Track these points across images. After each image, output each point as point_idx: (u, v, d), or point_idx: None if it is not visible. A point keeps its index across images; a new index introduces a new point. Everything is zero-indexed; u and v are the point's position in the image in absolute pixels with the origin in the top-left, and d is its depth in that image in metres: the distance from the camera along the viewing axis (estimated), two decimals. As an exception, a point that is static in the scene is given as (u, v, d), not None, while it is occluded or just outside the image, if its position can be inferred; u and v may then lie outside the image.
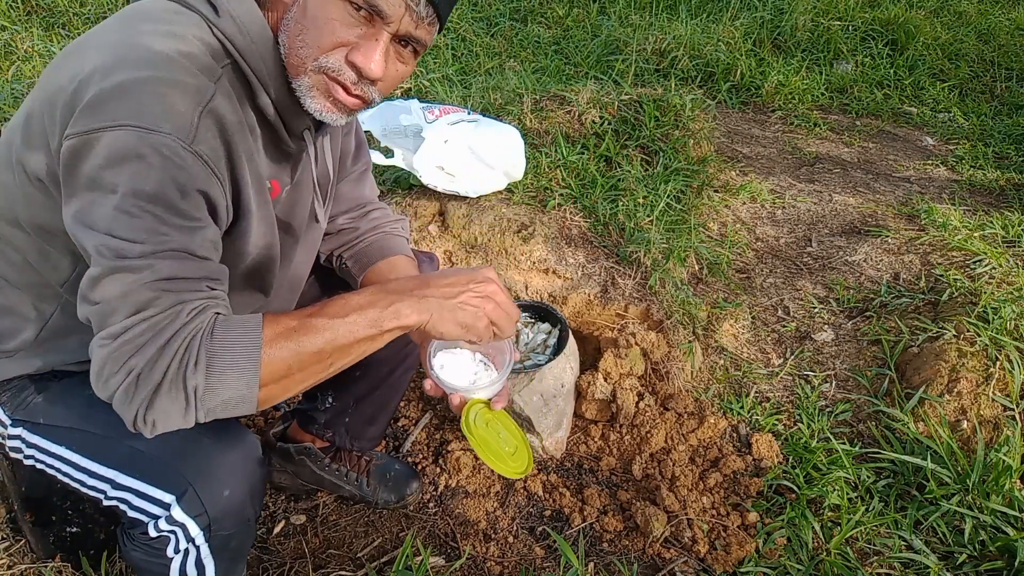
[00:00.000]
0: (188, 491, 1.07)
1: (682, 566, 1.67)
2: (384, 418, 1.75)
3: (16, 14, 4.03)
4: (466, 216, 2.33)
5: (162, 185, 0.91)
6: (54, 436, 1.16)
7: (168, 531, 1.08)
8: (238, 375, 0.92)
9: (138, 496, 1.10)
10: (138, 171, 0.90)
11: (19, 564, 1.53)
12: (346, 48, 1.01)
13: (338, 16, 0.99)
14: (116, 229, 0.90)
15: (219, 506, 1.08)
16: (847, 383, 2.22)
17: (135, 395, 0.90)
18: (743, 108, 4.24)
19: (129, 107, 0.90)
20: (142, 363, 0.89)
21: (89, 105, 0.90)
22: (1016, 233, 2.68)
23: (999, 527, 1.67)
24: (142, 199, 0.90)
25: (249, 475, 1.13)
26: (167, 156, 0.91)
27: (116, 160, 0.89)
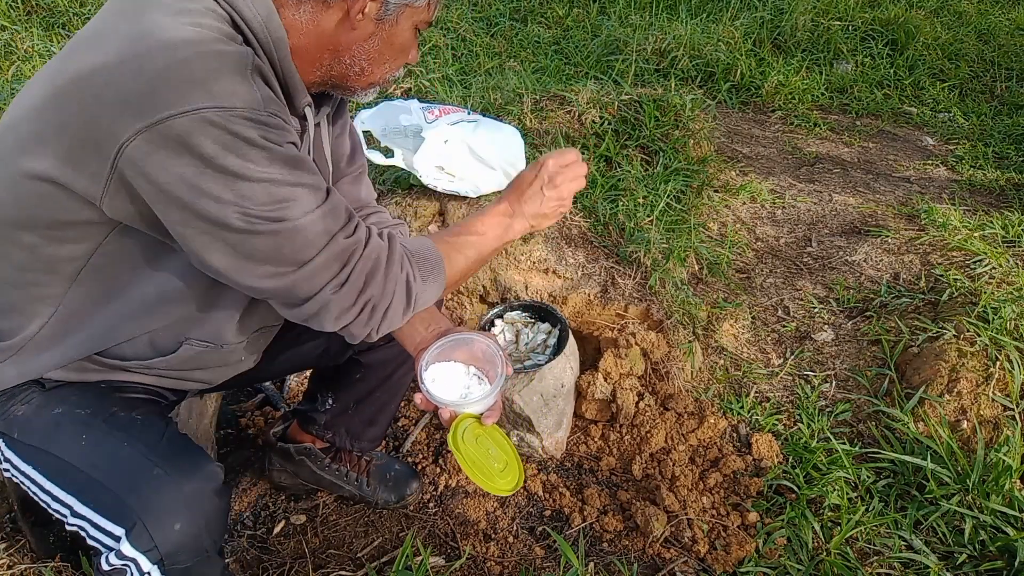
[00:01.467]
0: (137, 525, 1.03)
1: (682, 566, 1.67)
2: (384, 419, 1.74)
3: (16, 14, 4.03)
4: (466, 216, 2.33)
5: (266, 151, 0.94)
6: (23, 454, 1.15)
7: (121, 565, 1.06)
8: (438, 283, 1.18)
9: (92, 526, 1.08)
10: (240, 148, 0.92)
11: (19, 564, 1.53)
12: None
13: (412, 41, 1.17)
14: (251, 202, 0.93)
15: (170, 541, 1.05)
16: (847, 383, 2.22)
17: (372, 317, 1.10)
18: (743, 108, 4.24)
19: (190, 88, 0.89)
20: (377, 291, 1.08)
21: (141, 95, 0.89)
22: (1016, 233, 2.68)
23: (999, 527, 1.67)
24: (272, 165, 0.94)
25: (203, 507, 1.09)
26: (256, 126, 0.93)
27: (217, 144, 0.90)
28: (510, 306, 2.05)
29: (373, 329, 1.11)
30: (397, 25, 1.11)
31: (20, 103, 1.04)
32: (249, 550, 1.71)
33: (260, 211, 0.95)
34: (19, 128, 1.01)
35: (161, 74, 0.89)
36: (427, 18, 1.14)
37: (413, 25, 1.13)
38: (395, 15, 1.09)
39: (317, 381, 1.74)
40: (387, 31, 1.10)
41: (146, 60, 0.90)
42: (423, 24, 1.15)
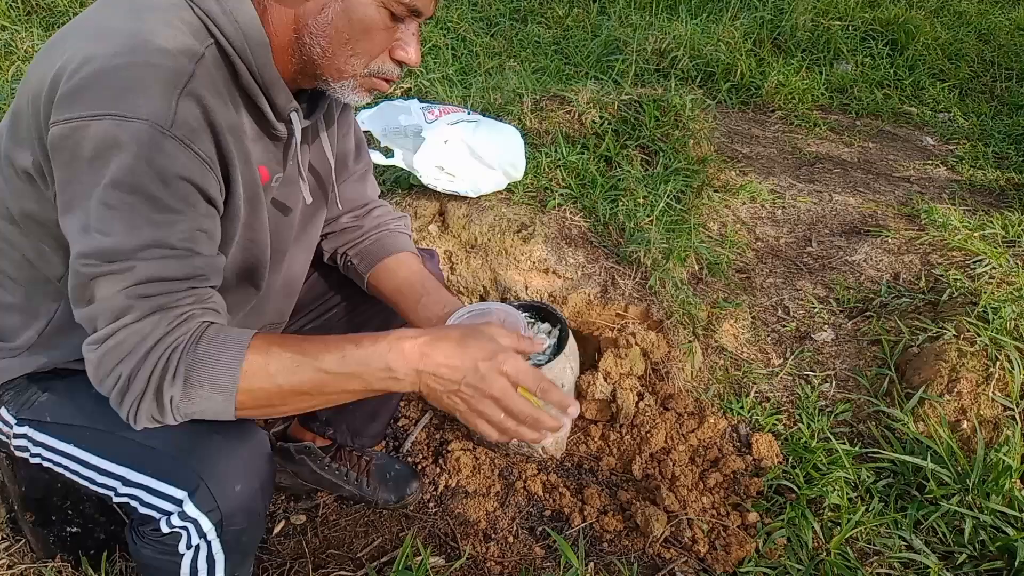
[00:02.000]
0: (200, 487, 1.07)
1: (682, 566, 1.67)
2: (385, 414, 1.75)
3: (16, 14, 4.03)
4: (466, 216, 2.33)
5: (139, 175, 0.90)
6: (62, 434, 1.16)
7: (180, 527, 1.08)
8: (215, 391, 0.94)
9: (149, 492, 1.10)
10: (117, 162, 0.89)
11: (19, 564, 1.53)
12: (388, 48, 1.06)
13: (384, 24, 1.03)
14: (97, 224, 0.90)
15: (231, 501, 1.08)
16: (847, 383, 2.22)
17: (125, 398, 0.94)
18: (743, 108, 4.24)
19: (106, 95, 0.89)
20: (127, 371, 0.92)
21: (67, 93, 0.90)
22: (1016, 233, 2.68)
23: (999, 527, 1.67)
24: (122, 190, 0.90)
25: (259, 470, 1.13)
26: (145, 143, 0.89)
27: (99, 152, 0.89)
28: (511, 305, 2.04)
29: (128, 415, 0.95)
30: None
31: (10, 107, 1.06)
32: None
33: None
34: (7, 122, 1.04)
35: (89, 78, 0.89)
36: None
37: (377, 1, 1.01)
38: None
39: None
40: (340, 3, 1.00)
41: (87, 62, 0.90)
42: (396, 5, 1.02)
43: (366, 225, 1.48)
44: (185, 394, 0.93)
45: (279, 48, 1.04)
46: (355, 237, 1.47)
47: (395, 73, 1.09)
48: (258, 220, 1.14)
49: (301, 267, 1.39)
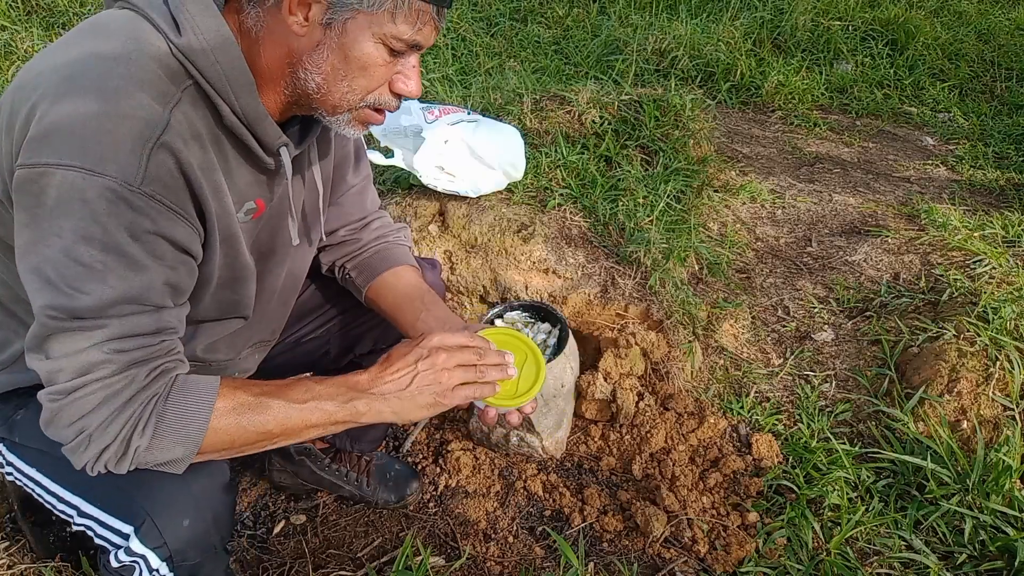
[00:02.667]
0: (146, 522, 1.04)
1: (682, 566, 1.67)
2: None
3: (16, 14, 4.03)
4: (466, 216, 2.33)
5: (108, 231, 0.88)
6: (27, 457, 1.15)
7: (130, 562, 1.06)
8: (180, 442, 0.95)
9: (100, 525, 1.09)
10: (84, 216, 0.86)
11: (19, 564, 1.53)
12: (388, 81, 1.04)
13: (382, 60, 1.00)
14: (65, 279, 0.88)
15: (180, 537, 1.05)
16: (847, 383, 2.22)
17: (88, 449, 0.93)
18: (743, 108, 4.24)
19: (74, 145, 0.86)
20: (95, 424, 0.91)
21: (36, 137, 0.87)
22: (1016, 233, 2.68)
23: (999, 527, 1.67)
24: (92, 247, 0.88)
25: (212, 503, 1.09)
26: (113, 200, 0.87)
27: (63, 203, 0.86)
28: (510, 306, 2.04)
29: (87, 464, 0.94)
30: (347, 35, 0.96)
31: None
32: (249, 550, 1.71)
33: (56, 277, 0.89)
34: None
35: (60, 123, 0.87)
36: (396, 32, 0.97)
37: (376, 38, 0.97)
38: (342, 21, 0.95)
39: None
40: (337, 40, 0.97)
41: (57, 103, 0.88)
42: (396, 41, 0.97)
43: (364, 238, 1.45)
44: (151, 444, 0.94)
45: (270, 80, 1.01)
46: (353, 250, 1.45)
47: (392, 104, 1.06)
48: (239, 258, 1.12)
49: (292, 286, 1.36)
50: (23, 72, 0.97)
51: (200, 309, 1.13)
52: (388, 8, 0.95)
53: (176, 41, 0.93)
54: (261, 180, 1.11)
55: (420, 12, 0.97)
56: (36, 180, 0.87)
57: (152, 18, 0.94)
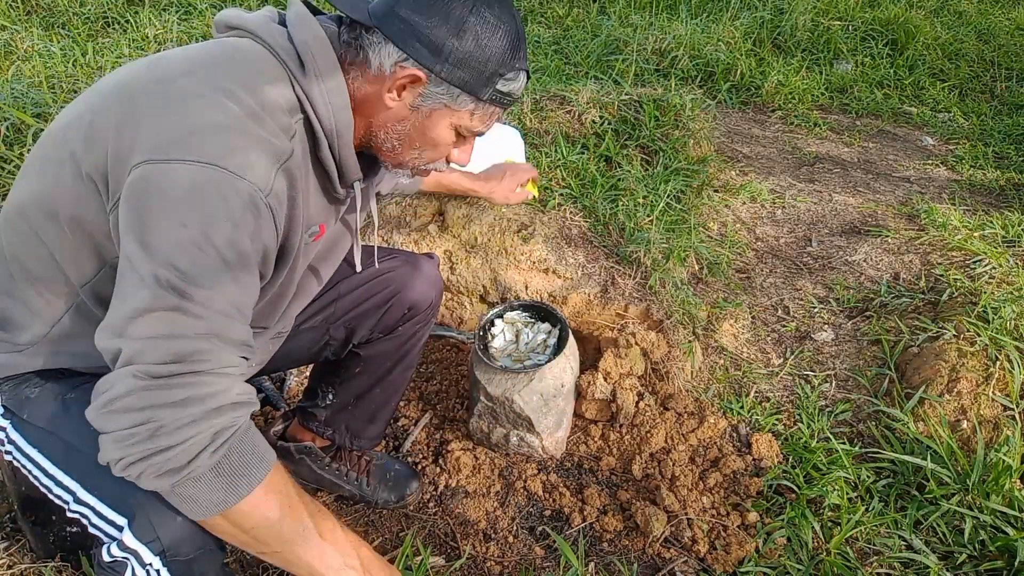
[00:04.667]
0: (139, 515, 1.03)
1: (682, 566, 1.67)
2: (384, 416, 1.75)
3: (16, 14, 4.03)
4: (466, 216, 2.33)
5: (238, 231, 0.94)
6: (30, 436, 1.15)
7: (123, 557, 1.05)
8: (230, 485, 0.96)
9: (95, 514, 1.08)
10: (218, 211, 0.92)
11: (19, 564, 1.53)
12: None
13: (451, 140, 1.17)
14: (181, 262, 0.91)
15: (173, 533, 1.04)
16: (847, 383, 2.22)
17: (139, 443, 0.91)
18: (743, 108, 4.24)
19: (216, 148, 0.94)
20: (170, 419, 0.90)
21: (173, 140, 0.93)
22: (1016, 233, 2.68)
23: (999, 527, 1.67)
24: (216, 240, 0.92)
25: None
26: (247, 204, 0.95)
27: (197, 194, 0.92)
28: (510, 306, 2.05)
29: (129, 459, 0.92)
30: (430, 119, 1.13)
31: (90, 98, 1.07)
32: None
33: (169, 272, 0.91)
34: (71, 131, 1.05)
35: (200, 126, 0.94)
36: (470, 125, 1.15)
37: (451, 125, 1.15)
38: (429, 110, 1.12)
39: (317, 376, 1.75)
40: (420, 122, 1.13)
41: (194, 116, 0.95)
42: (467, 132, 1.16)
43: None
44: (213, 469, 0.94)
45: (356, 130, 1.14)
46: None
47: (444, 169, 1.29)
48: (292, 277, 1.22)
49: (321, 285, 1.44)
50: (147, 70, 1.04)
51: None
52: (470, 109, 1.12)
53: (301, 80, 1.06)
54: (330, 208, 1.22)
55: (493, 113, 1.15)
56: (167, 174, 0.92)
57: (281, 57, 1.06)
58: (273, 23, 1.11)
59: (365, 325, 1.58)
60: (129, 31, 3.84)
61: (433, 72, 1.08)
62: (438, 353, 2.29)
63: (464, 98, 1.11)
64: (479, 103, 1.12)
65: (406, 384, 1.75)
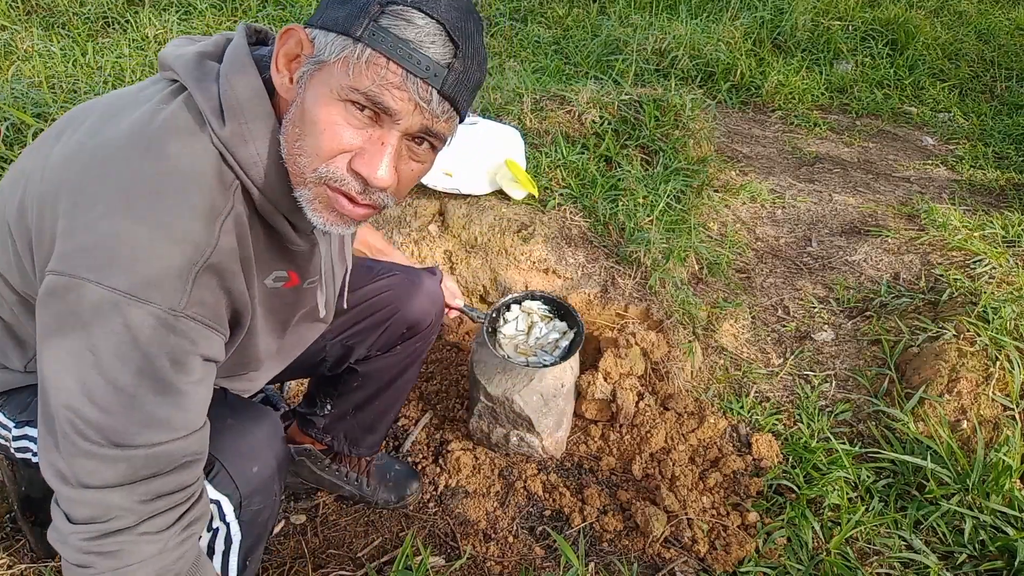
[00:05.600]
0: (218, 469, 1.07)
1: (682, 566, 1.67)
2: (383, 427, 1.73)
3: (16, 14, 4.03)
4: (466, 216, 2.33)
5: (148, 357, 0.84)
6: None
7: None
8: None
9: None
10: (124, 340, 0.83)
11: (19, 564, 1.53)
12: (349, 154, 0.90)
13: (340, 119, 0.88)
14: (94, 396, 0.83)
15: (249, 483, 1.10)
16: (847, 383, 2.22)
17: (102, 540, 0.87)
18: (743, 108, 4.24)
19: (118, 266, 0.82)
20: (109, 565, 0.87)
21: (77, 246, 0.83)
22: (1016, 233, 2.68)
23: (999, 527, 1.67)
24: (126, 370, 0.84)
25: (275, 451, 1.14)
26: (156, 327, 0.84)
27: (101, 322, 0.82)
28: (531, 295, 1.97)
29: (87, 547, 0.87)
30: (309, 90, 0.89)
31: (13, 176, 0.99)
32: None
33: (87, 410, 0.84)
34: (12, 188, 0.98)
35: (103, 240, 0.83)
36: (349, 82, 0.86)
37: (333, 92, 0.87)
38: (310, 74, 0.89)
39: (316, 386, 1.73)
40: (302, 97, 0.89)
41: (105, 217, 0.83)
42: (353, 91, 0.86)
43: None
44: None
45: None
46: None
47: (354, 188, 0.92)
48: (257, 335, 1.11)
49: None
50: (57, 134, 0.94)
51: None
52: (343, 56, 0.86)
53: (221, 136, 0.90)
54: (293, 254, 1.09)
55: (377, 65, 0.85)
56: (72, 290, 0.82)
57: (208, 118, 0.90)
58: (205, 68, 0.94)
59: (363, 343, 1.55)
60: (129, 31, 3.84)
61: (312, 25, 0.89)
62: (438, 353, 2.29)
63: (337, 42, 0.86)
64: (353, 44, 0.85)
65: (405, 395, 1.73)
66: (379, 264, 1.56)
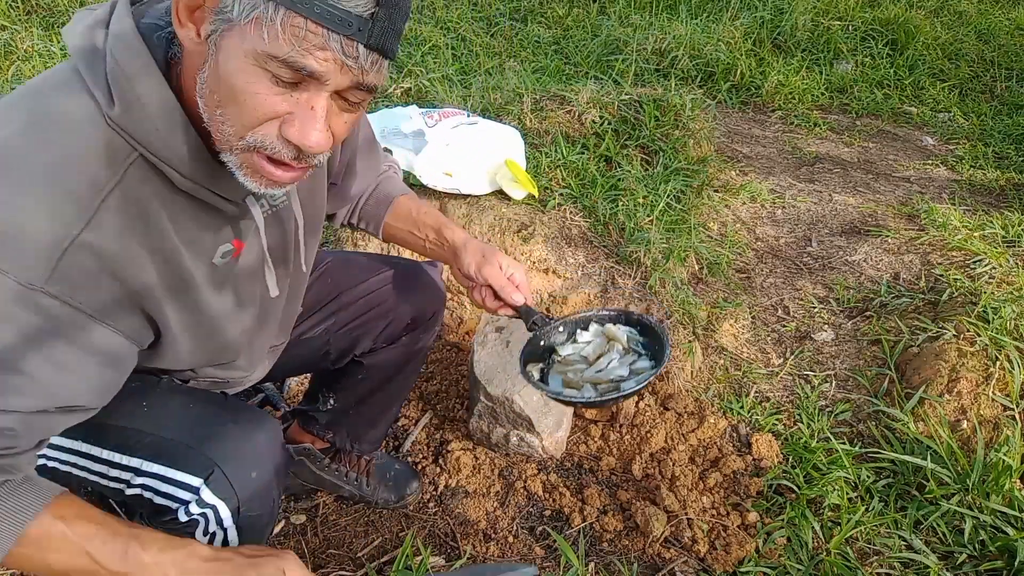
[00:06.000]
0: (216, 473, 1.07)
1: (682, 566, 1.67)
2: (385, 421, 1.75)
3: (16, 14, 4.03)
4: (466, 216, 2.33)
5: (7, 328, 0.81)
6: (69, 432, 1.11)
7: (199, 514, 1.08)
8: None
9: (164, 482, 1.09)
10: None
11: (19, 564, 1.53)
12: (278, 120, 0.84)
13: (262, 87, 0.81)
14: None
15: (248, 488, 1.09)
16: (847, 383, 2.22)
17: None
18: (743, 108, 4.24)
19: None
20: None
21: None
22: (1016, 233, 2.68)
23: (999, 527, 1.67)
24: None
25: (274, 456, 1.13)
26: (8, 299, 0.81)
27: None
28: (625, 316, 1.47)
29: None
30: (221, 51, 0.81)
31: None
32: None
33: None
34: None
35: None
36: (268, 49, 0.78)
37: (248, 57, 0.80)
38: (220, 33, 0.81)
39: (318, 381, 1.74)
40: (215, 59, 0.82)
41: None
42: (272, 61, 0.79)
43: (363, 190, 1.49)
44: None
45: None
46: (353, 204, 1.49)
47: (285, 154, 0.86)
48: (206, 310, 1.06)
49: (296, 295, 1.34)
50: None
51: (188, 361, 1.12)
52: (256, 16, 0.77)
53: (109, 114, 0.84)
54: (235, 222, 1.03)
55: (300, 30, 0.78)
56: None
57: (89, 87, 0.85)
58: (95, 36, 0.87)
59: (367, 336, 1.56)
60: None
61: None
62: (438, 353, 2.29)
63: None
64: (264, 3, 0.77)
65: (409, 389, 1.75)
66: (381, 257, 1.58)
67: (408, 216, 1.46)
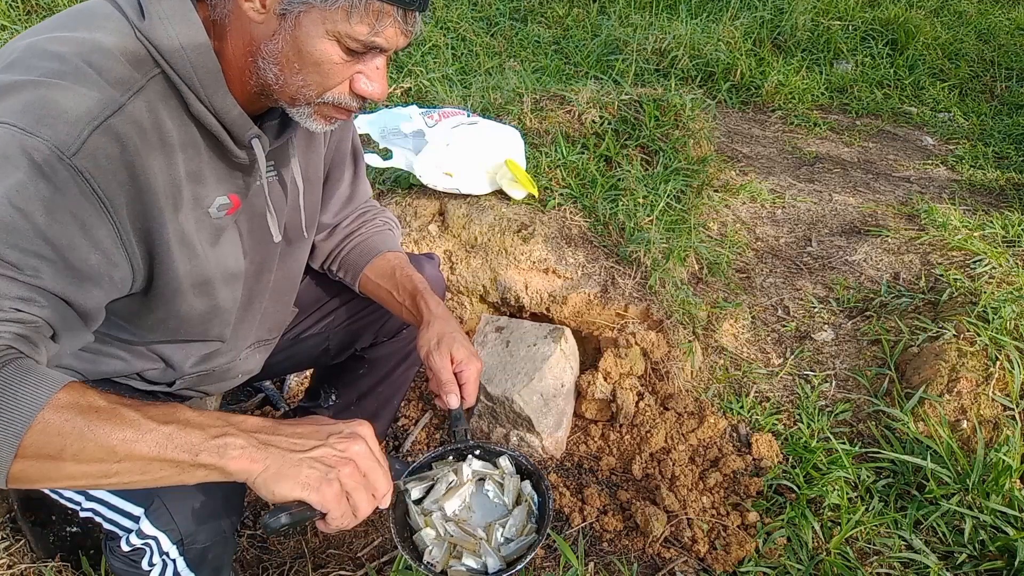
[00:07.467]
0: (155, 503, 1.04)
1: (682, 566, 1.67)
2: (387, 414, 1.76)
3: (16, 14, 4.03)
4: (466, 216, 2.33)
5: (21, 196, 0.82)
6: None
7: (142, 544, 1.07)
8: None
9: (108, 508, 1.08)
10: (7, 175, 0.81)
11: (19, 564, 1.53)
12: (349, 80, 0.99)
13: (338, 58, 0.95)
14: None
15: (189, 519, 1.05)
16: (847, 383, 2.22)
17: None
18: (743, 108, 4.24)
19: (12, 104, 0.83)
20: None
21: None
22: (1016, 233, 2.68)
23: (999, 527, 1.67)
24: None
25: (221, 486, 0.97)
26: (36, 163, 0.82)
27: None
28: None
29: None
30: (301, 27, 0.92)
31: None
32: (249, 550, 1.70)
33: None
34: None
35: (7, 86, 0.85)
36: (352, 32, 0.92)
37: (329, 35, 0.92)
38: (295, 13, 0.91)
39: (320, 378, 1.75)
40: (291, 32, 0.93)
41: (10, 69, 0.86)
42: (351, 41, 0.93)
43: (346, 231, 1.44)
44: None
45: (237, 70, 0.98)
46: (335, 247, 1.43)
47: (354, 105, 1.01)
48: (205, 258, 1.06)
49: (290, 286, 1.33)
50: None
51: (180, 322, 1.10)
52: (343, 5, 0.89)
53: (139, 25, 0.91)
54: (236, 175, 1.07)
55: (379, 13, 0.91)
56: None
57: (120, 4, 0.93)
58: None
59: (368, 331, 1.57)
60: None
61: None
62: (438, 353, 2.29)
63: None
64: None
65: (409, 383, 1.76)
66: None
67: (389, 274, 1.40)
